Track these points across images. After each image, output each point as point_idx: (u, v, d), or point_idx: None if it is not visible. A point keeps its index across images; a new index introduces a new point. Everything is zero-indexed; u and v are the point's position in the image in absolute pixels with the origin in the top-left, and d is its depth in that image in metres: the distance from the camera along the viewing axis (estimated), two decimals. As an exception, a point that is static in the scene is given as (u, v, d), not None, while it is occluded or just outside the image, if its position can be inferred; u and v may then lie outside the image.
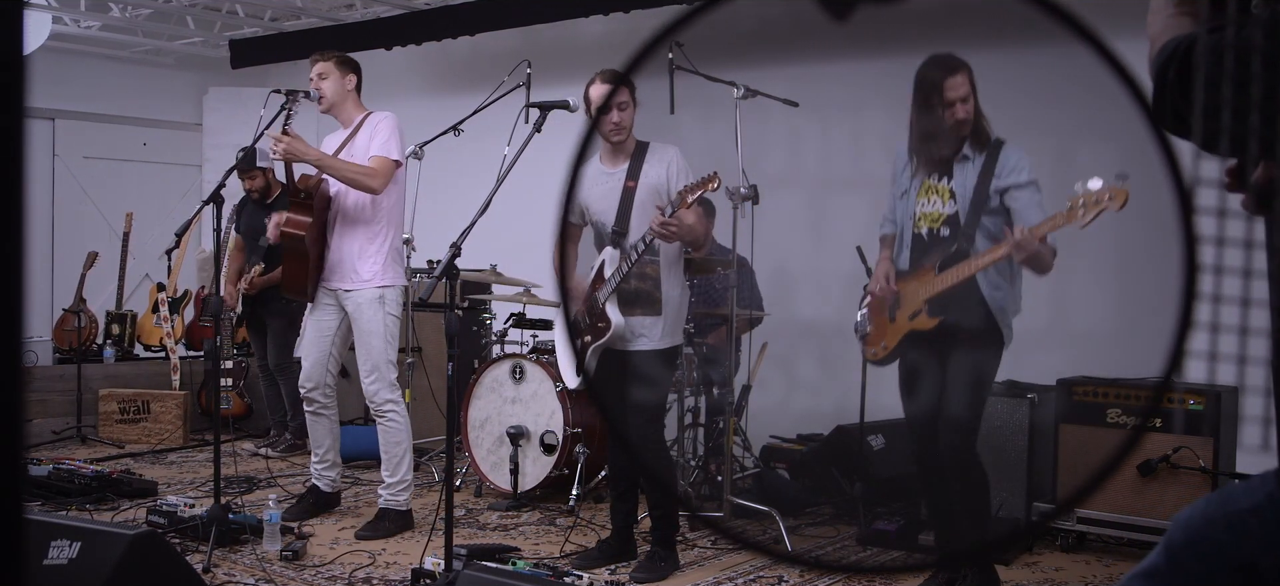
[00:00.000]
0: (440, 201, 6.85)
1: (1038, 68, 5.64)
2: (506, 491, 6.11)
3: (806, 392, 6.74)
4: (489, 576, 3.63)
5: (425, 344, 7.43)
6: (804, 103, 6.04)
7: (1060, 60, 2.29)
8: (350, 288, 5.39)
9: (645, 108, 5.05)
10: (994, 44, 5.80)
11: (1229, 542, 1.60)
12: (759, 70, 6.21)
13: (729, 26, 7.47)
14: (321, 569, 4.86)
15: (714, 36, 7.25)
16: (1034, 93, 5.90)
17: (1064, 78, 5.09)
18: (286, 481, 6.66)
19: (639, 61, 0.80)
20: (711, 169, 4.58)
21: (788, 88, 5.95)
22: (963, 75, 4.18)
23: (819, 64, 6.31)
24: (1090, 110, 4.75)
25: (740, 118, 5.64)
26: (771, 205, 5.97)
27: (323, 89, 5.39)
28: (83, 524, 3.77)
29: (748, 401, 6.33)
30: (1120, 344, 5.56)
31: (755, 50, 7.28)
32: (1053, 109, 5.94)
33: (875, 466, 5.80)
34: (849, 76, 6.81)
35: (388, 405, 5.45)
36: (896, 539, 5.25)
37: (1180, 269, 0.82)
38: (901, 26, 5.82)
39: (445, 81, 9.16)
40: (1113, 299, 5.91)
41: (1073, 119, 5.83)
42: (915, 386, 4.38)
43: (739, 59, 6.22)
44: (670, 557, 4.88)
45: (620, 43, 7.79)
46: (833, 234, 6.53)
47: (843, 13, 0.82)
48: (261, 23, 9.22)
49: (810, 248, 6.91)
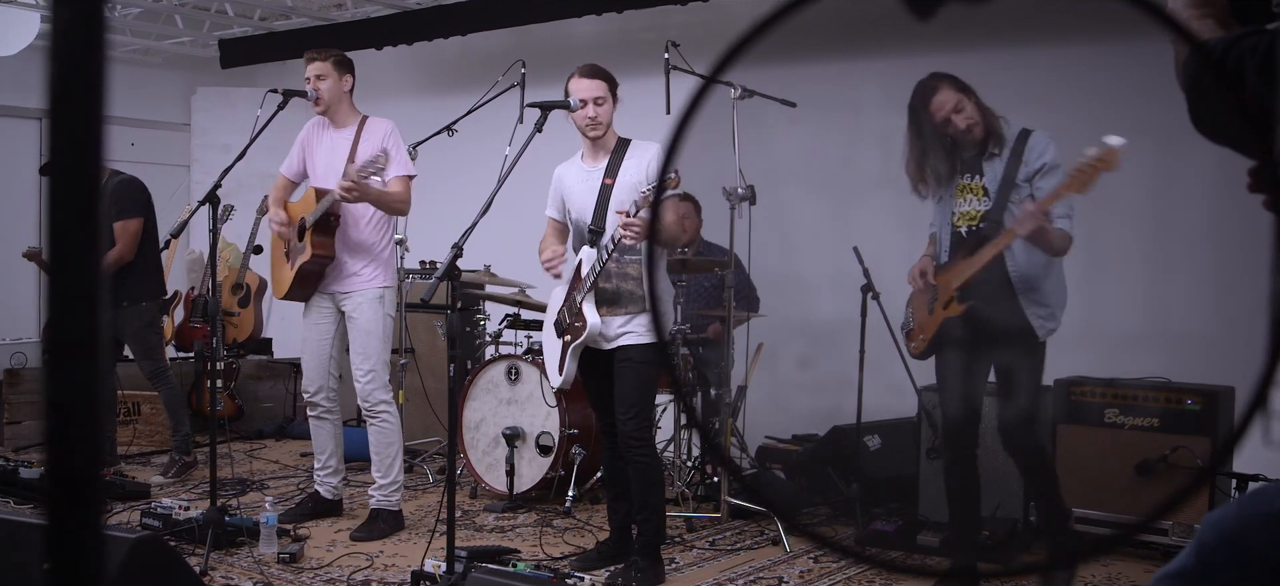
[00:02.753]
0: (433, 202, 6.83)
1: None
2: (502, 493, 6.09)
3: (802, 393, 6.73)
4: (495, 579, 3.61)
5: (418, 345, 7.40)
6: (802, 102, 6.04)
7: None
8: (350, 289, 5.37)
9: (642, 109, 5.05)
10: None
11: (1264, 543, 1.59)
12: (758, 70, 6.19)
13: (725, 25, 7.47)
14: (319, 571, 4.83)
15: (709, 37, 7.27)
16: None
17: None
18: (277, 484, 6.63)
19: (729, 60, 0.79)
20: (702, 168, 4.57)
21: (787, 88, 5.94)
22: (944, 92, 4.29)
23: (818, 63, 6.29)
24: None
25: (737, 118, 5.64)
26: (769, 205, 5.97)
27: (321, 90, 5.35)
28: (82, 527, 3.73)
29: (743, 402, 6.33)
30: (1120, 343, 5.57)
31: (755, 48, 7.27)
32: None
33: (872, 466, 5.79)
34: (848, 77, 6.82)
35: (381, 405, 5.44)
36: (896, 539, 5.25)
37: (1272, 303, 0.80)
38: (900, 27, 5.82)
39: (436, 82, 9.13)
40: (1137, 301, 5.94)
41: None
42: (946, 376, 4.53)
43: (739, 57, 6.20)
44: (651, 567, 4.73)
45: (612, 43, 7.78)
46: (830, 234, 6.53)
47: (926, 12, 0.81)
48: (251, 22, 9.17)
49: (808, 248, 6.91)
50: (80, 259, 0.69)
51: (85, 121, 0.68)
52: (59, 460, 0.69)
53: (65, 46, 0.69)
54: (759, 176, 5.74)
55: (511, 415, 6.15)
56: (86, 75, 0.68)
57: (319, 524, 5.58)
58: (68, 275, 0.69)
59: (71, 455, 0.69)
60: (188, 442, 6.84)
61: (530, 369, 6.14)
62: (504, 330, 6.94)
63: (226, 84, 9.95)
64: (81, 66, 0.69)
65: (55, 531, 0.69)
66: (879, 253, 5.50)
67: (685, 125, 0.82)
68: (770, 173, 6.28)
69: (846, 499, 5.82)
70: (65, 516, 0.69)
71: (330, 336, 5.47)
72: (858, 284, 5.48)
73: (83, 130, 0.68)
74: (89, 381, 0.69)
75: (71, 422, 0.69)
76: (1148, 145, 5.33)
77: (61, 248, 0.69)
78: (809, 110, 6.23)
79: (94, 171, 0.70)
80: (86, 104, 0.68)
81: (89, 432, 0.69)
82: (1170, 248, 5.91)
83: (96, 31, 0.68)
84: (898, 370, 5.15)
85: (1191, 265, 5.83)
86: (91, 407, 0.69)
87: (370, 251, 5.39)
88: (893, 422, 6.01)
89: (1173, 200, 5.77)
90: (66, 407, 0.69)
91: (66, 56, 0.69)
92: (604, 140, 4.77)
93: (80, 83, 0.69)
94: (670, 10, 7.41)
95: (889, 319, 5.25)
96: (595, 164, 4.79)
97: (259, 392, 8.46)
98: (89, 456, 0.69)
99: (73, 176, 0.69)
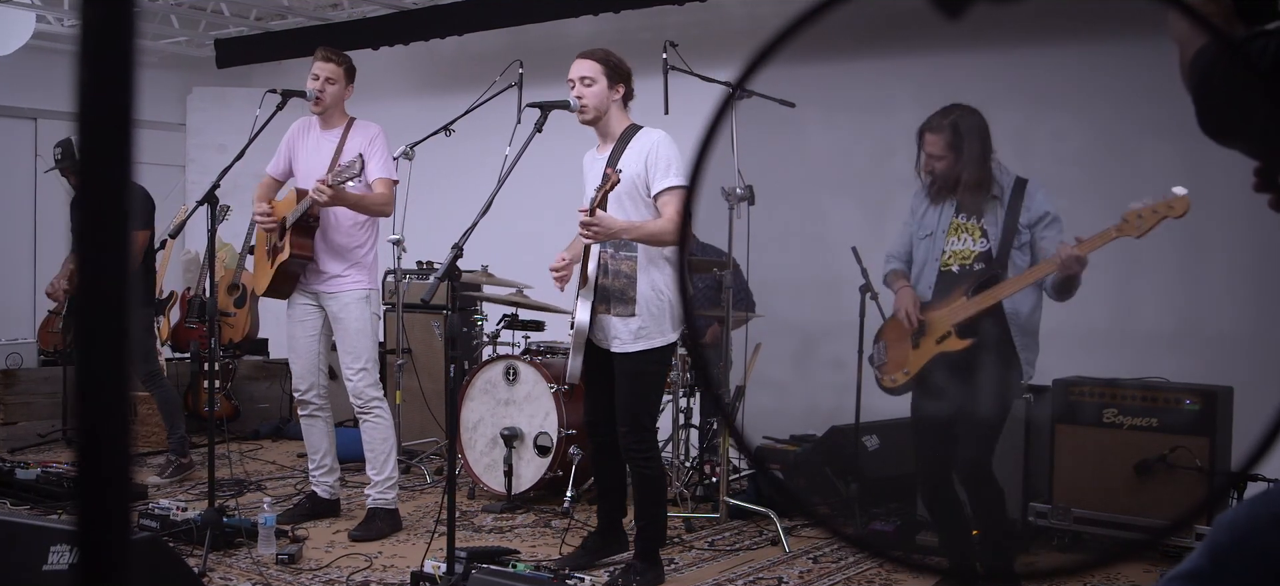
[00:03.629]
0: (430, 202, 6.83)
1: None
2: (500, 493, 6.08)
3: (800, 393, 6.73)
4: (498, 580, 3.60)
5: (415, 345, 7.39)
6: (800, 102, 6.03)
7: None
8: (334, 291, 5.37)
9: (639, 108, 5.03)
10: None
11: (1278, 543, 1.59)
12: (759, 69, 6.18)
13: (722, 25, 7.48)
14: (318, 572, 4.82)
15: (706, 36, 7.27)
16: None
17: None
18: (274, 485, 6.61)
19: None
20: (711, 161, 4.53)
21: (786, 88, 5.94)
22: (939, 136, 4.29)
23: (816, 63, 6.28)
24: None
25: (736, 119, 5.63)
26: (767, 205, 5.96)
27: (326, 91, 5.33)
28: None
29: (742, 402, 6.32)
30: (1119, 344, 5.58)
31: (752, 48, 7.27)
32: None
33: (871, 467, 5.79)
34: (844, 77, 6.81)
35: (374, 402, 5.43)
36: (895, 539, 5.25)
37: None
38: (901, 27, 5.82)
39: (432, 81, 9.12)
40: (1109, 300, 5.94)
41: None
42: (936, 406, 4.44)
43: (736, 57, 6.20)
44: (651, 569, 4.67)
45: (608, 43, 7.70)
46: (829, 235, 6.53)
47: (956, 11, 0.81)
48: (247, 22, 9.16)
49: (806, 248, 6.91)
50: (109, 266, 0.68)
51: (116, 124, 0.68)
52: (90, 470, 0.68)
53: (95, 46, 0.68)
54: (756, 177, 5.74)
55: (509, 415, 6.14)
56: (117, 77, 0.68)
57: (317, 524, 5.57)
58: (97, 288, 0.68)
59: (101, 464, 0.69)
60: (184, 444, 6.82)
61: (528, 369, 6.13)
62: (501, 330, 6.93)
63: (222, 84, 9.93)
64: (112, 67, 0.68)
65: (86, 544, 0.68)
66: (877, 253, 5.50)
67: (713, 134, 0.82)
68: (766, 173, 6.27)
69: (845, 499, 5.82)
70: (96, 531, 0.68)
71: (316, 333, 5.47)
72: (856, 284, 5.48)
73: (113, 132, 0.68)
74: (120, 387, 0.68)
75: (102, 429, 0.68)
76: (1174, 148, 5.34)
77: (91, 254, 0.68)
78: (837, 112, 6.22)
79: (125, 175, 0.69)
80: (118, 107, 0.68)
81: (121, 441, 0.68)
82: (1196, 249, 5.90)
83: (127, 29, 0.68)
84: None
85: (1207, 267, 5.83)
86: (122, 413, 0.68)
87: (352, 253, 5.38)
88: (891, 423, 6.01)
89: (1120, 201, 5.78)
90: (97, 412, 0.68)
91: (96, 56, 0.68)
92: (610, 127, 4.62)
93: (111, 85, 0.68)
94: (667, 10, 7.41)
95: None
96: (604, 152, 4.65)
97: (255, 393, 8.44)
98: (121, 466, 0.68)
99: (103, 179, 0.68)
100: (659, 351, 4.59)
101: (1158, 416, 5.08)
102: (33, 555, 3.59)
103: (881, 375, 4.58)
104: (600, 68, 4.57)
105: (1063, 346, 4.59)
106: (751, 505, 5.75)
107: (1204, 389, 5.03)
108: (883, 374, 4.57)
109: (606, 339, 4.60)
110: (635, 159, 4.52)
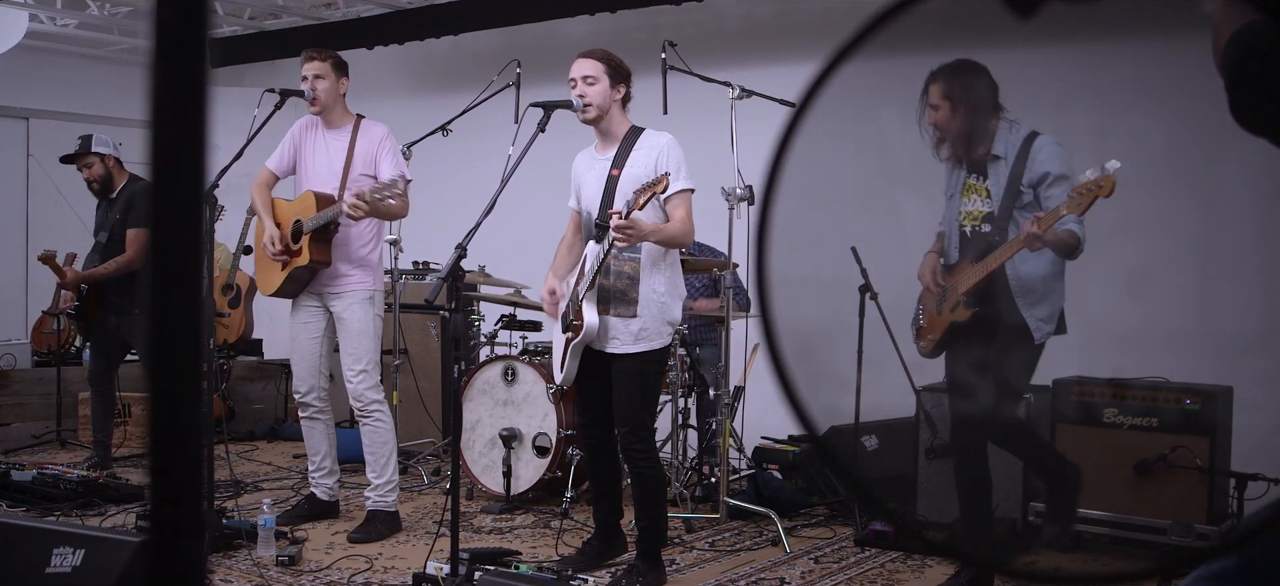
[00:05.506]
0: (428, 202, 6.80)
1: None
2: (499, 494, 6.07)
3: (798, 393, 6.71)
4: (501, 581, 3.59)
5: (412, 346, 7.37)
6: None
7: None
8: (339, 291, 5.36)
9: (636, 109, 5.02)
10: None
11: None
12: (755, 69, 6.20)
13: (718, 25, 7.47)
14: (319, 574, 4.80)
15: (702, 36, 7.26)
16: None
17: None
18: (271, 486, 6.59)
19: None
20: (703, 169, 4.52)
21: (784, 87, 5.94)
22: (938, 84, 4.30)
23: (813, 64, 6.28)
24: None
25: (736, 118, 5.63)
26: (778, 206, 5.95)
27: (318, 90, 5.32)
28: (85, 530, 3.69)
29: (742, 401, 6.32)
30: (1119, 344, 5.58)
31: (749, 48, 7.27)
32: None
33: (870, 467, 5.79)
34: (843, 76, 6.79)
35: (374, 405, 5.41)
36: (896, 539, 5.24)
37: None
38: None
39: (427, 81, 9.10)
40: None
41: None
42: (955, 376, 4.55)
43: (732, 58, 6.22)
44: (652, 570, 4.66)
45: (605, 43, 7.70)
46: (827, 234, 6.52)
47: (1028, 11, 0.80)
48: (241, 22, 9.12)
49: (804, 248, 6.89)
50: (182, 269, 0.67)
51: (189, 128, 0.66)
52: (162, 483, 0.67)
53: (168, 47, 0.67)
54: (753, 177, 5.72)
55: (508, 416, 6.12)
56: (189, 79, 0.67)
57: (316, 526, 5.55)
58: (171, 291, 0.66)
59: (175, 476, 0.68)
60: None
61: (527, 369, 6.11)
62: (499, 331, 6.92)
63: (216, 83, 9.85)
64: (184, 70, 0.66)
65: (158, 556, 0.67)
66: (878, 253, 5.49)
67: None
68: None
69: (844, 499, 5.82)
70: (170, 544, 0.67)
71: (319, 335, 5.45)
72: (855, 283, 5.48)
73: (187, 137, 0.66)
74: (193, 392, 0.67)
75: (176, 438, 0.67)
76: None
77: (164, 258, 0.67)
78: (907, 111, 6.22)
79: (198, 179, 0.68)
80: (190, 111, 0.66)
81: (193, 450, 0.67)
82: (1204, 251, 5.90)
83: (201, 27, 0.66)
84: (897, 371, 5.15)
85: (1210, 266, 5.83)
86: (195, 419, 0.67)
87: (361, 256, 5.38)
88: (890, 423, 6.01)
89: (1209, 202, 5.76)
90: (170, 419, 0.67)
91: (169, 59, 0.67)
92: (612, 127, 4.60)
93: (184, 90, 0.66)
94: (663, 10, 7.40)
95: (888, 320, 5.23)
96: (604, 153, 4.62)
97: (250, 394, 8.42)
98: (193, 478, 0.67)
99: (175, 184, 0.67)
100: (658, 353, 4.61)
101: (1158, 416, 5.09)
102: (35, 558, 3.56)
103: (918, 339, 4.64)
104: (603, 67, 4.56)
105: (1063, 346, 4.58)
106: (751, 505, 5.74)
107: (1204, 389, 5.04)
108: (919, 338, 4.63)
109: (604, 340, 4.58)
110: (644, 161, 4.50)
